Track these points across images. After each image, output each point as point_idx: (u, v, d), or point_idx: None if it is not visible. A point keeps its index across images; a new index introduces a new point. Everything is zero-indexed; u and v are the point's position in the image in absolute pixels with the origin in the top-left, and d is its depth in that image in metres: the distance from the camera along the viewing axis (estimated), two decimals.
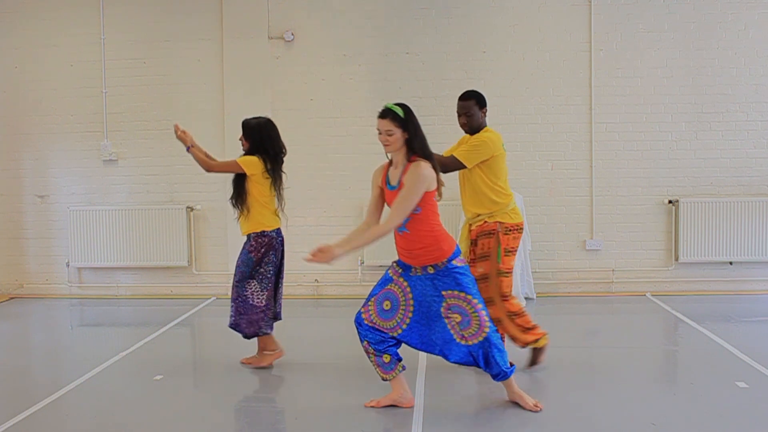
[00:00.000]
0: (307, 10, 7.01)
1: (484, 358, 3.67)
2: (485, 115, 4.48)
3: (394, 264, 3.83)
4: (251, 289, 4.58)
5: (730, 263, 6.85)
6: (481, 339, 3.63)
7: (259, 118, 4.74)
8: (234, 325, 4.63)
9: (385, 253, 6.92)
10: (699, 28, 6.79)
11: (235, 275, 4.64)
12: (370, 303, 3.80)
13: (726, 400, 3.88)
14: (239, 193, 4.60)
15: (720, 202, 6.76)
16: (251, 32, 7.00)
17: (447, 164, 4.25)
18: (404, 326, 3.73)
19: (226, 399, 4.10)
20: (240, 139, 4.73)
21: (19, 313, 6.72)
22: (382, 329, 3.75)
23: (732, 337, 5.13)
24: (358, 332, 3.81)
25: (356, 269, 7.05)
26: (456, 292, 3.63)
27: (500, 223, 4.30)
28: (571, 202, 6.94)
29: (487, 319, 3.65)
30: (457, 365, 4.65)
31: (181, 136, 4.63)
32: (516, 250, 4.36)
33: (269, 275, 4.61)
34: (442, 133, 6.94)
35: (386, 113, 3.63)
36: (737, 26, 6.77)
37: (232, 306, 4.63)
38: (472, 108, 4.37)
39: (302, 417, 3.83)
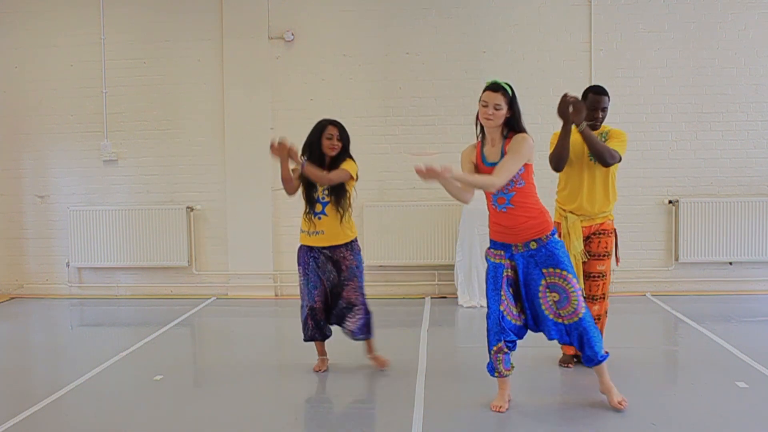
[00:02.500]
0: (307, 10, 7.01)
1: (579, 339, 3.67)
2: None
3: (492, 251, 3.73)
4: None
5: (730, 263, 6.85)
6: (576, 320, 3.63)
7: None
8: (369, 332, 4.51)
9: (385, 253, 6.94)
10: (699, 28, 6.79)
11: (359, 279, 4.44)
12: (503, 298, 3.68)
13: (726, 400, 3.88)
14: (344, 197, 4.36)
15: (720, 202, 6.76)
16: (251, 32, 7.00)
17: (614, 155, 4.20)
18: (523, 309, 3.73)
19: (226, 399, 4.10)
20: (333, 140, 4.42)
21: (19, 313, 6.72)
22: (516, 321, 3.72)
23: (732, 337, 5.13)
24: (495, 335, 3.70)
25: None
26: (557, 270, 3.62)
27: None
28: None
29: (582, 299, 3.66)
30: (457, 366, 4.67)
31: (288, 152, 4.31)
32: None
33: None
34: (442, 133, 6.97)
35: (498, 87, 3.62)
36: (737, 26, 6.77)
37: (362, 314, 4.43)
38: (607, 103, 4.34)
39: (302, 417, 3.83)
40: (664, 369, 4.73)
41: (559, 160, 4.21)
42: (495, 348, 3.73)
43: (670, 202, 6.86)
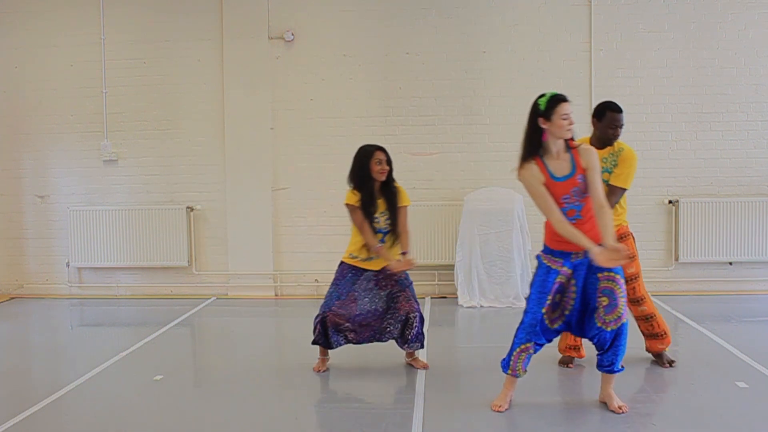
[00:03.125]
0: (307, 10, 7.01)
1: (609, 345, 3.67)
2: None
3: (548, 256, 3.71)
4: None
5: (730, 263, 6.85)
6: (616, 327, 3.63)
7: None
8: (423, 339, 4.55)
9: None
10: (699, 28, 6.80)
11: (411, 288, 4.50)
12: (548, 302, 3.68)
13: (726, 400, 3.88)
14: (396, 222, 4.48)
15: (720, 202, 6.76)
16: (251, 32, 7.00)
17: (615, 199, 4.29)
18: (566, 313, 3.73)
19: (226, 399, 4.10)
20: (382, 165, 4.44)
21: (19, 313, 6.72)
22: (550, 324, 3.73)
23: (732, 337, 5.13)
24: (528, 334, 3.70)
25: None
26: (610, 274, 3.62)
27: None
28: None
29: (626, 306, 3.66)
30: (457, 366, 4.66)
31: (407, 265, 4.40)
32: None
33: None
34: (442, 133, 6.97)
35: (567, 98, 3.63)
36: (737, 26, 6.77)
37: (419, 322, 4.46)
38: (623, 121, 4.34)
39: (302, 417, 3.83)
40: (664, 369, 4.72)
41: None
42: (522, 346, 3.73)
43: (670, 202, 6.86)
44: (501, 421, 3.67)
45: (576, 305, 3.72)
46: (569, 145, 3.64)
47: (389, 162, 4.47)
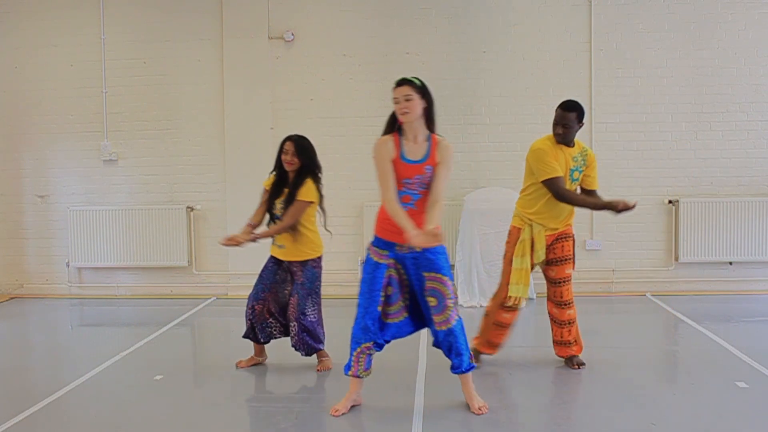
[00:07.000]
0: (307, 10, 7.02)
1: (448, 347, 3.71)
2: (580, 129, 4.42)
3: (375, 249, 3.71)
4: (313, 305, 4.53)
5: (730, 263, 6.85)
6: (447, 328, 3.66)
7: (302, 136, 4.57)
8: (311, 347, 4.56)
9: None
10: (699, 28, 6.80)
11: (300, 297, 4.48)
12: (381, 299, 3.67)
13: (726, 400, 3.88)
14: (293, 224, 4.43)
15: (720, 202, 6.76)
16: (251, 32, 7.01)
17: (594, 196, 4.47)
18: (407, 306, 3.75)
19: (226, 399, 4.10)
20: (288, 156, 4.47)
21: (19, 313, 6.72)
22: (390, 320, 3.74)
23: (732, 337, 5.13)
24: (366, 333, 3.69)
25: (356, 269, 7.05)
26: (439, 276, 3.63)
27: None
28: None
29: (455, 308, 3.67)
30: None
31: (241, 239, 4.37)
32: None
33: (320, 293, 4.61)
34: (442, 132, 6.89)
35: (403, 81, 3.63)
36: (737, 26, 6.77)
37: (297, 327, 4.48)
38: (572, 121, 4.31)
39: (302, 417, 3.83)
40: (664, 369, 4.73)
41: (568, 202, 4.30)
42: (362, 346, 3.74)
43: (670, 202, 6.86)
44: (500, 421, 3.67)
45: (410, 300, 3.74)
46: (431, 137, 3.66)
47: (297, 154, 4.46)
